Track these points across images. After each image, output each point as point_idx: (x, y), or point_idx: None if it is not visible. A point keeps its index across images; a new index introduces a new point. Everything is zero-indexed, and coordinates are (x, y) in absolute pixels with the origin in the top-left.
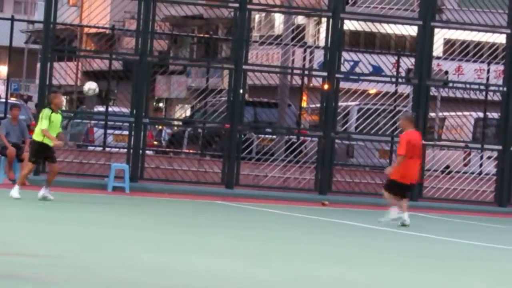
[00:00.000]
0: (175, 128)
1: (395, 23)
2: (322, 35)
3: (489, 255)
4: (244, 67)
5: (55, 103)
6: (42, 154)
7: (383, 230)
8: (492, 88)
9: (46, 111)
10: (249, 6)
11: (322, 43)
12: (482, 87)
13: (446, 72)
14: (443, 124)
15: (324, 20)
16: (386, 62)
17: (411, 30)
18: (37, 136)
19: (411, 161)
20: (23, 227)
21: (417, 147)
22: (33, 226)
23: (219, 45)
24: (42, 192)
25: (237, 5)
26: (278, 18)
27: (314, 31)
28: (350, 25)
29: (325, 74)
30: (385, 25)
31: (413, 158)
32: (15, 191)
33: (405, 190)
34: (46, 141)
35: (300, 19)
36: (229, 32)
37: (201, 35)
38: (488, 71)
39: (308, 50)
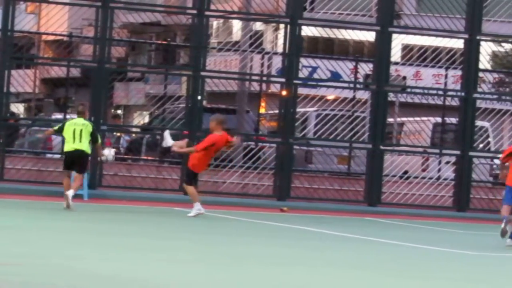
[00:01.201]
0: (134, 135)
1: (353, 28)
2: (280, 41)
3: (448, 259)
4: (202, 73)
5: None
6: None
7: (340, 235)
8: (450, 93)
9: None
10: (207, 13)
11: (280, 49)
12: (440, 92)
13: (404, 78)
14: (401, 130)
15: (282, 26)
16: (344, 68)
17: (369, 36)
18: None
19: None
20: None
21: (212, 149)
22: None
23: (177, 52)
24: None
25: (195, 11)
26: (236, 25)
27: (272, 38)
28: (308, 31)
29: (283, 80)
30: (343, 31)
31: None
32: None
33: (191, 178)
34: None
35: (258, 26)
36: (187, 38)
37: (159, 42)
38: (446, 76)
39: (266, 56)
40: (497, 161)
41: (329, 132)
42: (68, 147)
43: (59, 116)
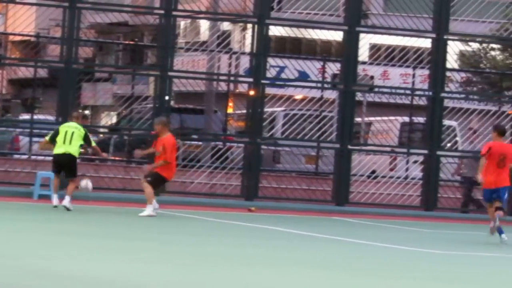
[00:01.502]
0: (101, 135)
1: (320, 28)
2: (248, 41)
3: (417, 258)
4: (170, 73)
5: None
6: None
7: (308, 235)
8: (417, 92)
9: None
10: (174, 13)
11: (248, 49)
12: (408, 91)
13: (372, 77)
14: (369, 129)
15: (249, 26)
16: (312, 67)
17: (337, 36)
18: None
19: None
20: None
21: (174, 152)
22: None
23: (144, 52)
24: None
25: (162, 11)
26: (204, 25)
27: (240, 37)
28: (276, 31)
29: (251, 80)
30: (310, 30)
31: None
32: None
33: (160, 184)
34: None
35: (225, 25)
36: (154, 39)
37: (127, 42)
38: (414, 75)
39: (234, 56)
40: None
41: (297, 132)
42: (57, 149)
43: (26, 116)
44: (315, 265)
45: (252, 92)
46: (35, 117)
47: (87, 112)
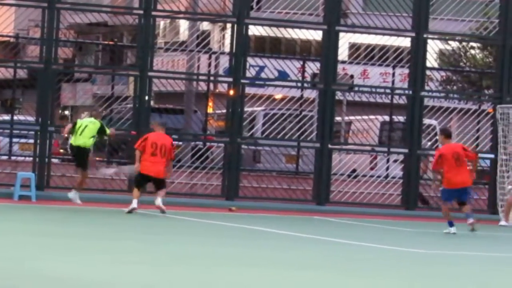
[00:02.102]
0: None
1: (300, 28)
2: (227, 41)
3: (398, 257)
4: (150, 73)
5: None
6: None
7: (288, 234)
8: (397, 91)
9: None
10: (153, 13)
11: (227, 49)
12: (387, 90)
13: (352, 76)
14: (349, 128)
15: (229, 26)
16: (291, 67)
17: (316, 35)
18: None
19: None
20: None
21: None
22: None
23: (124, 52)
24: None
25: (141, 11)
26: (183, 25)
27: (219, 37)
28: (255, 30)
29: (230, 79)
30: (290, 30)
31: (157, 157)
32: None
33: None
34: None
35: (205, 25)
36: (134, 39)
37: (106, 42)
38: (394, 74)
39: (214, 56)
40: None
41: (277, 131)
42: (72, 142)
43: (6, 117)
44: (295, 265)
45: (231, 92)
46: (15, 118)
47: (67, 112)
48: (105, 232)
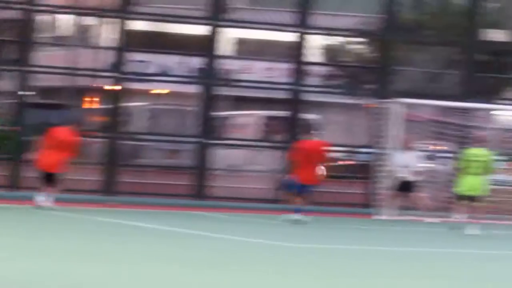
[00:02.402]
0: None
1: (184, 22)
2: (109, 35)
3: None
4: (30, 69)
5: None
6: None
7: (168, 230)
8: (277, 86)
9: None
10: (34, 8)
11: (109, 43)
12: (268, 85)
13: (234, 71)
14: (229, 123)
15: (110, 20)
16: (174, 62)
17: (200, 30)
18: None
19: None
20: None
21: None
22: None
23: (4, 47)
24: None
25: (22, 6)
26: (65, 19)
27: (101, 32)
28: (138, 25)
29: (112, 75)
30: (173, 24)
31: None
32: None
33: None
34: None
35: (86, 20)
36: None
37: None
38: (275, 69)
39: (95, 51)
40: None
41: (158, 126)
42: None
43: None
44: (171, 260)
45: (113, 87)
46: None
47: None
48: None
